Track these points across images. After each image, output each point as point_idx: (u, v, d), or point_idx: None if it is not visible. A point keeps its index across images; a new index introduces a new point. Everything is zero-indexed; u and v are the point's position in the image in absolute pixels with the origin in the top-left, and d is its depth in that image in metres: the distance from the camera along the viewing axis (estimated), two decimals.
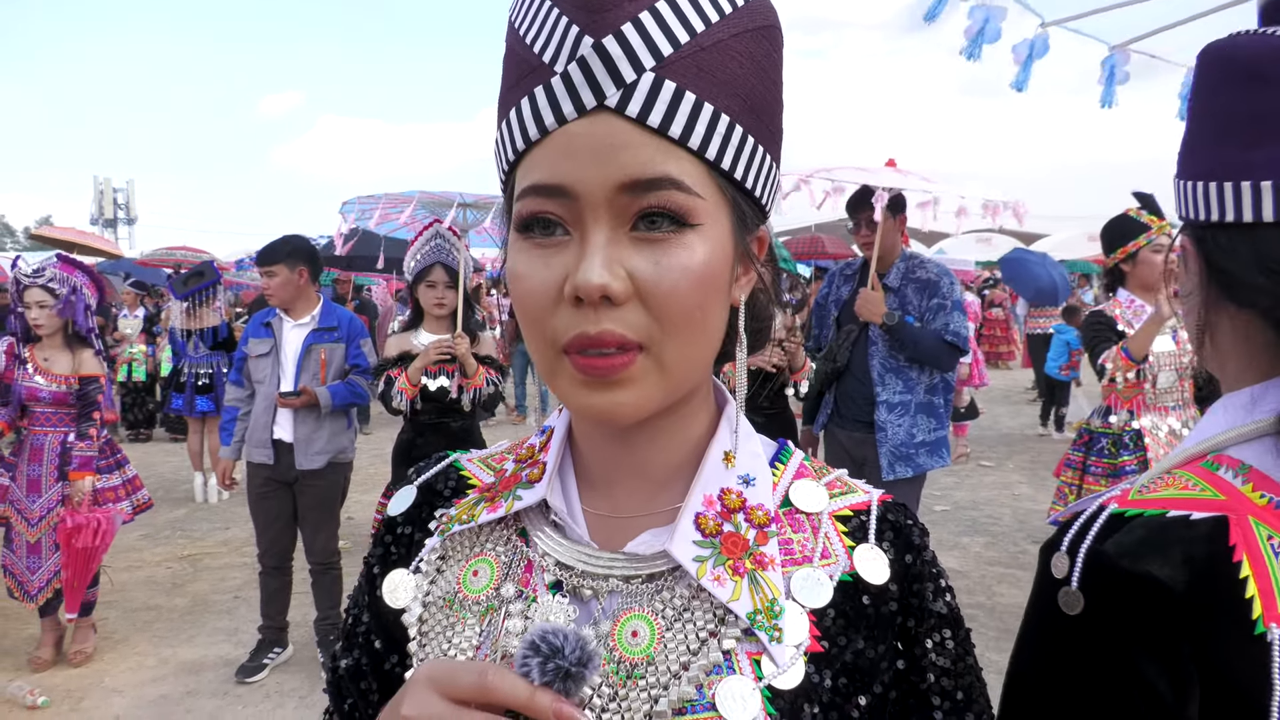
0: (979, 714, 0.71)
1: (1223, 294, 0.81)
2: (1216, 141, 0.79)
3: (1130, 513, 0.75)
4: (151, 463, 8.72)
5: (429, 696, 0.57)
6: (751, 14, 0.64)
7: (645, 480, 0.73)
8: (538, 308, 0.62)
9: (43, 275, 4.25)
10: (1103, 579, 0.72)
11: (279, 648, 4.42)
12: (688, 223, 0.61)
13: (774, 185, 0.70)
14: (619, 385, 0.62)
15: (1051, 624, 0.76)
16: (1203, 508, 0.73)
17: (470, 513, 0.76)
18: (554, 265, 0.62)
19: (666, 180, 0.60)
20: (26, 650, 4.47)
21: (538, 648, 0.57)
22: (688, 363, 0.64)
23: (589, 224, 0.61)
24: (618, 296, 0.60)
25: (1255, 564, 0.69)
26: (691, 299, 0.61)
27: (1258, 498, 0.73)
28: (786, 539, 0.71)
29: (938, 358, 3.78)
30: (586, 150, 0.60)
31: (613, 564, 0.70)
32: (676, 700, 0.64)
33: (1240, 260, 0.77)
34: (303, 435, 4.21)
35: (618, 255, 0.60)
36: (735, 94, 0.63)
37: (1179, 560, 0.70)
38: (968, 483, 8.00)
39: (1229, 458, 0.78)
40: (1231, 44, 0.79)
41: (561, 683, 0.56)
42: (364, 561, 0.83)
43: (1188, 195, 0.83)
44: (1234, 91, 0.78)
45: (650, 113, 0.59)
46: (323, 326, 4.30)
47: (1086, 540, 0.74)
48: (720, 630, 0.66)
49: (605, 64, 0.59)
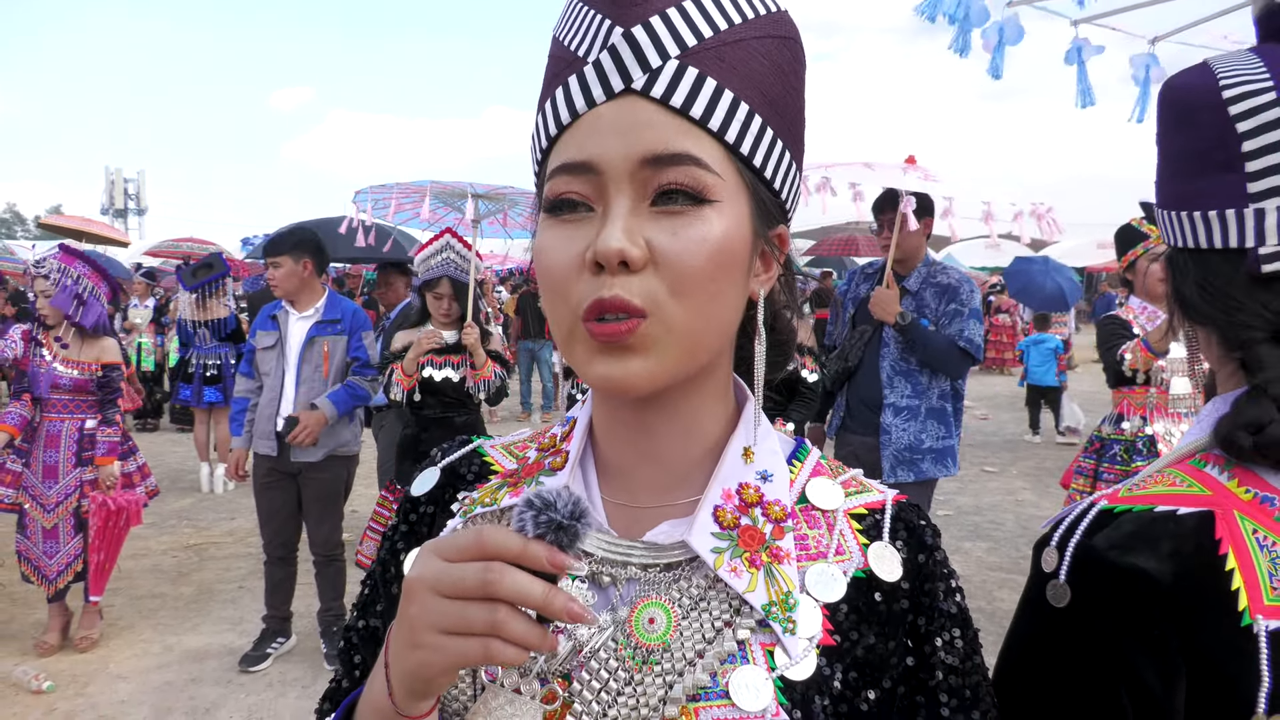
0: (985, 712, 0.72)
1: (1182, 312, 0.86)
2: (1168, 175, 0.85)
3: (1119, 508, 0.77)
4: (159, 453, 8.77)
5: (431, 559, 0.59)
6: (775, 23, 0.68)
7: (664, 472, 0.74)
8: (561, 277, 0.65)
9: (44, 266, 4.32)
10: (1091, 572, 0.74)
11: (282, 638, 4.45)
12: (706, 199, 0.64)
13: (795, 185, 0.73)
14: (630, 352, 0.64)
15: (1040, 617, 0.78)
16: (1189, 503, 0.75)
17: (493, 496, 0.78)
18: (577, 238, 0.65)
19: (686, 156, 0.63)
20: (33, 635, 4.51)
21: (531, 503, 0.58)
22: (694, 330, 0.65)
23: (612, 196, 0.64)
24: (635, 262, 0.62)
25: (1240, 556, 0.71)
26: (705, 269, 0.64)
27: (1243, 493, 0.75)
28: (802, 534, 0.73)
29: (949, 362, 3.76)
30: (612, 129, 0.64)
31: (631, 552, 0.71)
32: (691, 687, 0.65)
33: (1188, 283, 0.83)
34: None
35: (638, 225, 0.63)
36: (756, 87, 0.66)
37: (1166, 554, 0.72)
38: (971, 488, 7.99)
39: (1215, 455, 0.80)
40: (1176, 85, 0.84)
41: (555, 534, 0.57)
42: (384, 537, 0.85)
43: (1160, 220, 0.89)
44: (1173, 129, 0.84)
45: (674, 94, 0.63)
46: (326, 319, 4.32)
47: (1076, 535, 0.77)
48: (735, 620, 0.68)
49: (633, 50, 0.63)
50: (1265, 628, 0.69)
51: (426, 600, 0.58)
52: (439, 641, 0.57)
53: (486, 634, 0.56)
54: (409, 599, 0.59)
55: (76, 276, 4.35)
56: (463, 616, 0.57)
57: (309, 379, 4.25)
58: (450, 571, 0.57)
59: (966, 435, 9.08)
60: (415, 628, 0.58)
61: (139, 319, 10.35)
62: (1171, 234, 0.85)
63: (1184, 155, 0.82)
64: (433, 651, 0.58)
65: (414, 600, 0.59)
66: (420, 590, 0.58)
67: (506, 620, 0.56)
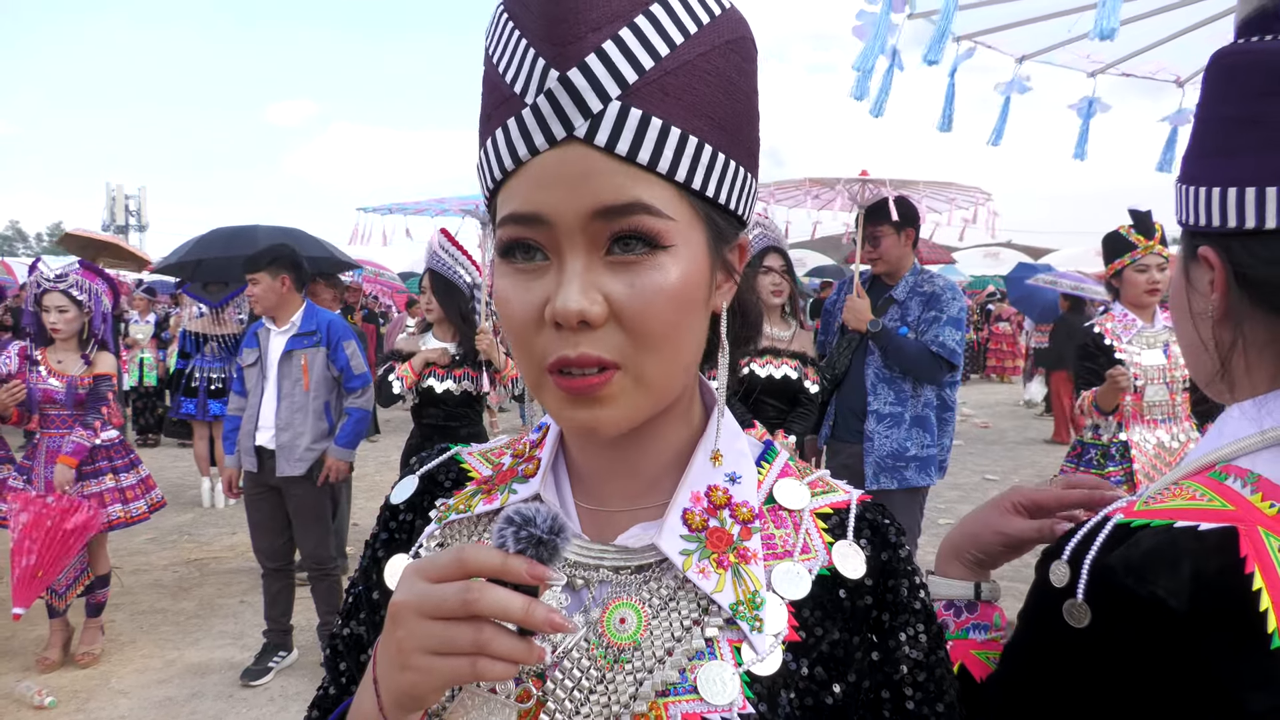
0: (950, 705, 0.74)
1: (1256, 302, 0.78)
2: (1262, 146, 0.76)
3: (1136, 523, 0.73)
4: (159, 467, 8.76)
5: (414, 581, 0.61)
6: (718, 30, 0.66)
7: (635, 479, 0.76)
8: (523, 330, 0.66)
9: (65, 280, 4.32)
10: (1109, 596, 0.71)
11: (284, 651, 4.45)
12: (660, 244, 0.63)
13: (750, 195, 0.72)
14: (600, 402, 0.65)
15: (1054, 635, 0.74)
16: (1211, 518, 0.71)
17: (468, 503, 0.80)
18: (534, 290, 0.64)
19: (637, 205, 0.62)
20: (34, 651, 4.51)
21: (511, 520, 0.59)
22: (666, 378, 0.67)
23: (565, 250, 0.63)
24: (595, 320, 0.62)
25: (1267, 575, 0.67)
26: (667, 318, 0.64)
27: (1267, 508, 0.71)
28: (769, 534, 0.74)
29: (923, 368, 3.77)
30: (559, 180, 0.62)
31: (603, 555, 0.73)
32: (660, 683, 0.67)
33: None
34: (285, 442, 4.22)
35: (594, 280, 0.63)
36: (703, 114, 0.64)
37: (1187, 576, 0.68)
38: (973, 496, 7.98)
39: (1237, 468, 0.76)
40: (1271, 48, 0.76)
41: (535, 549, 0.59)
42: (366, 544, 0.87)
43: (1208, 202, 0.80)
44: (1278, 95, 0.75)
45: (618, 141, 0.61)
46: (302, 331, 4.30)
47: (1091, 551, 0.73)
48: (704, 619, 0.70)
49: (572, 96, 0.61)
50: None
51: (412, 623, 0.59)
52: (428, 663, 0.59)
53: (473, 653, 0.58)
54: (395, 622, 0.61)
55: (99, 294, 4.38)
56: (448, 637, 0.58)
57: (289, 394, 4.24)
58: (433, 593, 0.59)
59: (967, 444, 9.08)
60: (404, 650, 0.60)
61: (140, 335, 10.35)
62: (1246, 214, 0.76)
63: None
64: (423, 673, 0.60)
65: (400, 624, 0.60)
66: (405, 613, 0.60)
67: (491, 639, 0.58)
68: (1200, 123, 0.84)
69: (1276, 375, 0.80)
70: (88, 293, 4.35)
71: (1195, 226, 0.83)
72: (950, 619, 0.94)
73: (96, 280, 4.41)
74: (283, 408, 4.23)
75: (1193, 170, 0.83)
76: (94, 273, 4.46)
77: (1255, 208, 0.75)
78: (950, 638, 0.92)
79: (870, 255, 4.00)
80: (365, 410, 4.30)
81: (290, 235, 6.83)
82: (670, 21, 0.63)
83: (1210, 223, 0.80)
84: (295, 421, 4.22)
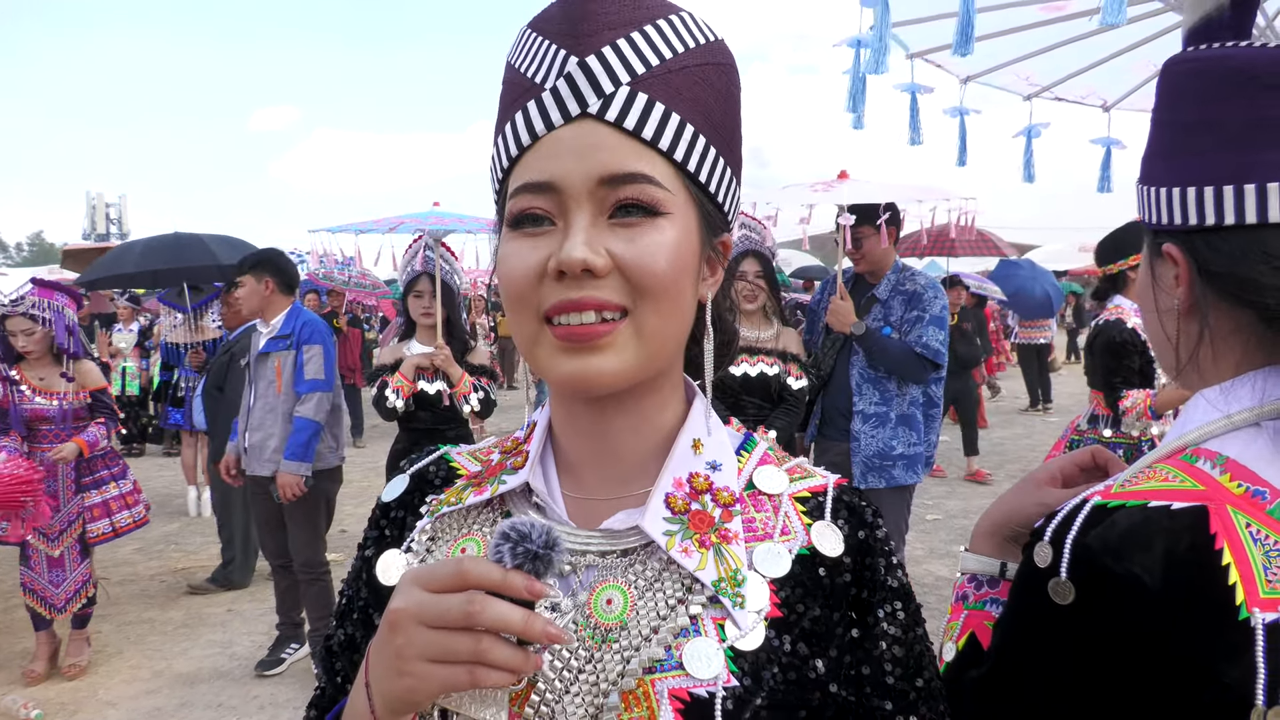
0: (929, 680, 0.77)
1: (1219, 295, 0.82)
2: (1216, 147, 0.80)
3: (1113, 504, 0.77)
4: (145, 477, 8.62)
5: (413, 591, 0.63)
6: (714, 51, 0.74)
7: (619, 466, 0.79)
8: (523, 283, 0.70)
9: (21, 304, 4.32)
10: (1089, 573, 0.75)
11: (296, 643, 4.52)
12: (659, 211, 0.70)
13: (735, 197, 0.79)
14: (599, 350, 0.69)
15: (1040, 612, 0.78)
16: (1183, 498, 0.75)
17: (458, 496, 0.83)
18: (540, 248, 0.69)
19: (640, 175, 0.69)
20: (21, 664, 4.48)
21: (508, 535, 0.61)
22: (662, 333, 0.72)
23: (573, 212, 0.69)
24: (599, 270, 0.67)
25: (1236, 551, 0.71)
26: (667, 272, 0.69)
27: (1235, 487, 0.75)
28: (750, 517, 0.77)
29: (906, 369, 3.79)
30: (571, 150, 0.68)
31: (590, 540, 0.76)
32: (646, 660, 0.70)
33: (1246, 261, 0.79)
34: (255, 442, 4.25)
35: (598, 237, 0.68)
36: (700, 111, 0.72)
37: (1161, 553, 0.72)
38: (960, 492, 8.04)
39: (1206, 450, 0.80)
40: (1223, 55, 0.81)
41: (531, 564, 0.61)
42: (358, 547, 0.88)
43: (1168, 201, 0.84)
44: (1234, 99, 0.79)
45: (626, 118, 0.68)
46: (280, 334, 4.32)
47: (1071, 531, 0.77)
48: (688, 598, 0.72)
49: (588, 78, 0.68)
50: (1262, 620, 0.69)
51: (412, 631, 0.61)
52: (426, 670, 0.61)
53: (471, 662, 0.60)
54: (395, 630, 0.62)
55: (60, 308, 4.36)
56: (448, 646, 0.60)
57: (263, 394, 4.28)
58: (435, 604, 0.61)
59: (953, 440, 9.13)
60: (403, 656, 0.62)
61: (124, 344, 10.28)
62: (1205, 211, 0.81)
63: (1251, 125, 0.78)
64: (420, 680, 0.61)
65: (400, 631, 0.62)
66: (405, 621, 0.62)
67: (490, 648, 0.60)
68: (1157, 126, 0.88)
69: (1240, 362, 0.84)
70: (47, 309, 4.34)
71: (1159, 225, 0.87)
72: (971, 590, 0.98)
73: (54, 295, 4.40)
74: (256, 408, 4.27)
75: (1153, 171, 0.87)
76: (50, 288, 4.45)
77: (1214, 205, 0.80)
78: (968, 607, 0.95)
79: (852, 255, 4.03)
80: (312, 421, 4.16)
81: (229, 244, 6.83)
82: (674, 34, 0.72)
83: (1173, 221, 0.84)
84: (266, 422, 4.24)
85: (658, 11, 0.72)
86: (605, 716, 0.69)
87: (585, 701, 0.70)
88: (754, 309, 4.03)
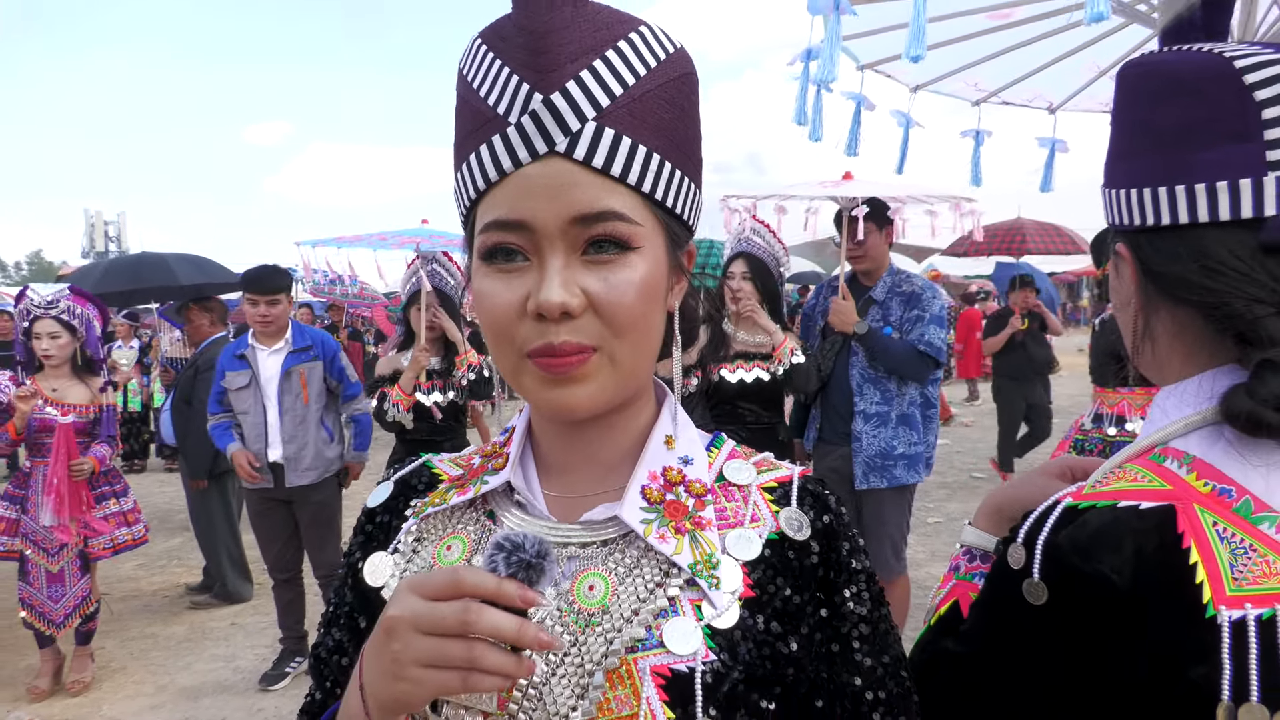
0: (896, 657, 0.82)
1: (1160, 294, 0.85)
2: (1153, 149, 0.83)
3: (1084, 505, 0.78)
4: (146, 493, 8.69)
5: (409, 598, 0.65)
6: (671, 65, 0.76)
7: (597, 465, 0.83)
8: (504, 321, 0.72)
9: (56, 307, 4.32)
10: (1060, 574, 0.76)
11: (300, 657, 4.53)
12: (630, 246, 0.72)
13: (697, 207, 0.82)
14: (576, 381, 0.73)
15: (1013, 613, 0.79)
16: (1151, 497, 0.76)
17: (443, 498, 0.87)
18: (515, 286, 0.72)
19: (611, 213, 0.71)
20: (25, 680, 4.48)
21: (502, 546, 0.64)
22: (635, 362, 0.75)
23: (546, 252, 0.71)
24: (575, 311, 0.70)
25: (1202, 549, 0.72)
26: (637, 308, 0.73)
27: (1202, 486, 0.76)
28: (721, 506, 0.82)
29: (910, 367, 3.81)
30: (541, 190, 0.70)
31: (570, 533, 0.80)
32: (629, 640, 0.74)
33: (1180, 260, 0.81)
34: (291, 454, 4.34)
35: (572, 277, 0.71)
36: (663, 135, 0.74)
37: (1130, 553, 0.73)
38: (960, 494, 8.04)
39: (1173, 449, 0.80)
40: (1161, 60, 0.84)
41: (524, 573, 0.63)
42: (344, 555, 0.91)
43: (1120, 202, 0.86)
44: (1169, 103, 0.82)
45: (595, 155, 0.70)
46: (298, 348, 4.42)
47: (1043, 533, 0.78)
48: (666, 581, 0.76)
49: (554, 116, 0.69)
50: (1228, 618, 0.70)
51: (408, 637, 0.64)
52: (421, 675, 0.63)
53: (466, 668, 0.63)
54: (391, 635, 0.65)
55: (89, 319, 4.39)
56: (443, 652, 0.63)
57: (291, 408, 4.35)
58: (430, 611, 0.63)
59: (954, 443, 9.15)
60: (399, 661, 0.64)
61: (124, 360, 10.29)
62: (1146, 212, 0.83)
63: (1181, 129, 0.80)
64: (415, 684, 0.64)
65: (396, 637, 0.64)
66: (401, 627, 0.64)
67: (484, 654, 0.63)
68: (1113, 129, 0.90)
69: (1185, 364, 0.86)
70: (79, 318, 4.36)
71: (1115, 225, 0.90)
72: (963, 562, 1.01)
73: (87, 305, 4.42)
74: (286, 422, 4.35)
75: (1109, 173, 0.90)
76: (84, 298, 4.47)
77: (1153, 206, 0.83)
78: (958, 577, 0.99)
79: (854, 253, 4.03)
80: (368, 413, 4.49)
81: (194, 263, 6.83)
82: (634, 56, 0.72)
83: (1121, 221, 0.88)
84: (299, 434, 4.35)
85: (618, 31, 0.72)
86: (591, 695, 0.72)
87: (571, 682, 0.73)
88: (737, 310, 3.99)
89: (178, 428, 5.80)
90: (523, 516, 0.82)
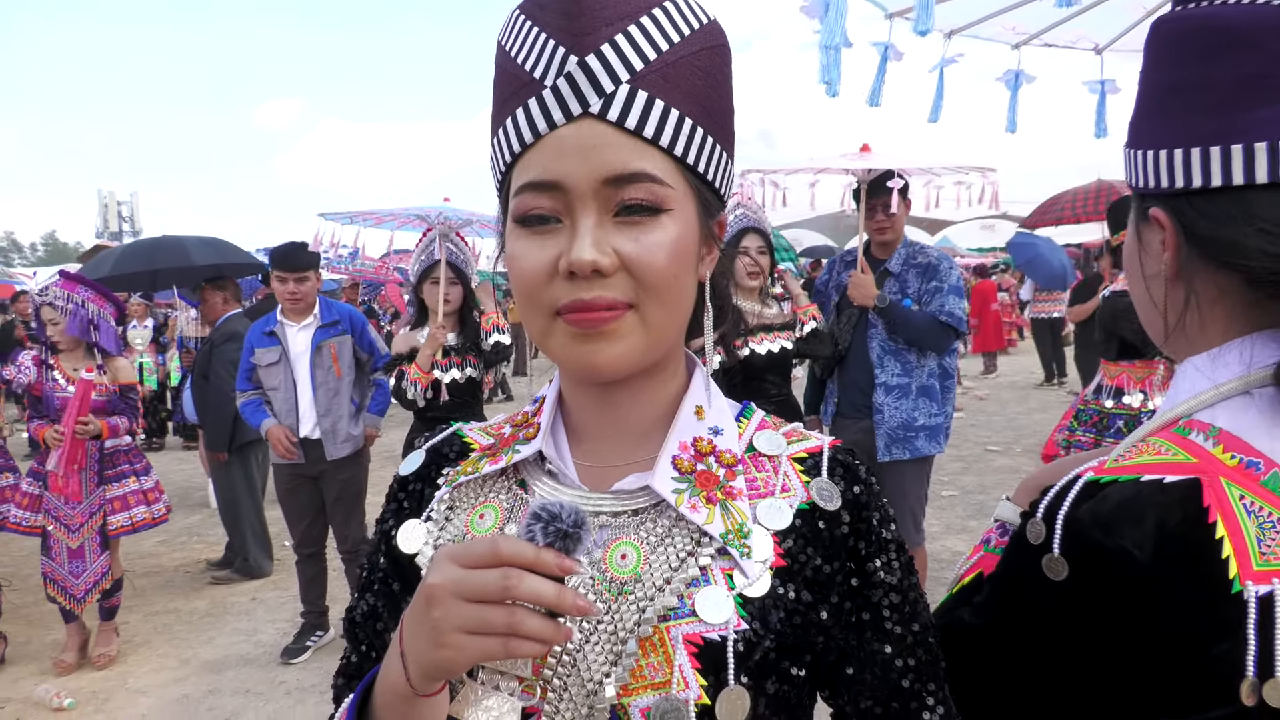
0: (925, 625, 0.82)
1: (1203, 259, 0.80)
2: (1199, 108, 0.78)
3: (1105, 479, 0.76)
4: (165, 471, 8.77)
5: (449, 566, 0.66)
6: (706, 35, 0.76)
7: (627, 434, 0.83)
8: (535, 281, 0.73)
9: (47, 293, 4.42)
10: (1081, 548, 0.74)
11: (320, 631, 4.62)
12: (662, 208, 0.72)
13: (729, 177, 0.82)
14: (607, 337, 0.73)
15: (1033, 588, 0.78)
16: (1175, 471, 0.74)
17: (475, 466, 0.87)
18: (548, 246, 0.72)
19: (643, 174, 0.71)
20: (51, 655, 4.56)
21: (539, 516, 0.65)
22: (666, 323, 0.76)
23: (578, 212, 0.71)
24: (606, 269, 0.70)
25: (1229, 524, 0.70)
26: (669, 268, 0.73)
27: (1228, 459, 0.74)
28: (752, 477, 0.82)
29: (932, 338, 3.82)
30: (575, 150, 0.70)
31: (602, 502, 0.81)
32: (661, 608, 0.74)
33: (1234, 224, 0.76)
34: (328, 428, 4.43)
35: (604, 236, 0.71)
36: (694, 100, 0.74)
37: (1152, 527, 0.71)
38: (975, 468, 8.03)
39: (1199, 422, 0.78)
40: (1208, 13, 0.79)
41: (561, 542, 0.64)
42: (377, 522, 0.92)
43: (1155, 165, 0.82)
44: (1218, 58, 0.77)
45: (628, 117, 0.70)
46: (326, 322, 4.51)
47: (1063, 508, 0.76)
48: (697, 550, 0.77)
49: (589, 78, 0.70)
50: (1255, 593, 0.68)
51: (450, 604, 0.64)
52: (463, 641, 0.64)
53: (506, 634, 0.63)
54: (432, 603, 0.65)
55: (81, 301, 4.41)
56: (484, 618, 0.64)
57: (324, 382, 4.43)
58: (472, 578, 0.64)
59: (969, 415, 9.13)
60: (440, 628, 0.65)
61: (139, 340, 10.37)
62: (1193, 174, 0.79)
63: (1236, 84, 0.76)
64: (458, 650, 0.64)
65: (437, 604, 0.65)
66: (442, 595, 0.65)
67: (524, 620, 0.63)
68: (1144, 88, 0.86)
69: (1228, 329, 0.82)
70: (68, 301, 4.40)
71: (1145, 189, 0.85)
72: (995, 535, 1.00)
73: (76, 288, 4.44)
74: (320, 396, 4.42)
75: (1140, 135, 0.86)
76: (74, 281, 4.50)
77: (1201, 168, 0.78)
78: (987, 550, 0.98)
79: (881, 224, 4.00)
80: (388, 381, 4.54)
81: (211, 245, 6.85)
82: (669, 23, 0.73)
83: (1159, 184, 0.83)
84: (334, 407, 4.44)
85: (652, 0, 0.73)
86: (624, 662, 0.73)
87: (605, 650, 0.74)
88: (754, 285, 4.01)
89: (197, 402, 5.87)
90: (554, 485, 0.83)
